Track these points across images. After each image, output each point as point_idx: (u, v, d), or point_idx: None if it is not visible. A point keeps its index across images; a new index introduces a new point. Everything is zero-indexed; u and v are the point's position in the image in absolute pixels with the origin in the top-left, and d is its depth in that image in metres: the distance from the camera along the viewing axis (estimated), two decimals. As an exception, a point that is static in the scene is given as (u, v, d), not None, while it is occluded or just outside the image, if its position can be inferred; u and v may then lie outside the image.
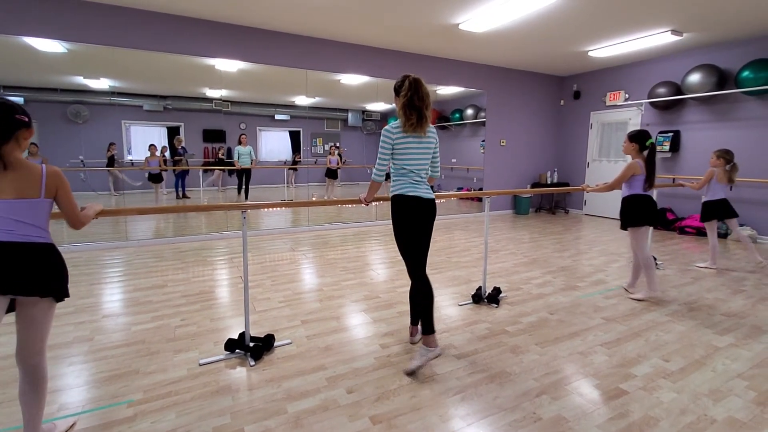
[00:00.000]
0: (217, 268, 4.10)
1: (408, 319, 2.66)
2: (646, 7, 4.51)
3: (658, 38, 5.53)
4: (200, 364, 2.24)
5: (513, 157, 8.10)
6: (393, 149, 2.25)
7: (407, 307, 2.74)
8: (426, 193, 2.29)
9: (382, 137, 2.24)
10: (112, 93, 5.51)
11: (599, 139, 7.82)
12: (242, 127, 6.98)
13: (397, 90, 2.26)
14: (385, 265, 4.27)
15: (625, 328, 2.76)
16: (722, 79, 5.72)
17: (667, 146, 6.45)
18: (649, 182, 3.17)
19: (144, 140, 6.26)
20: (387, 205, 2.36)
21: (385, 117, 8.15)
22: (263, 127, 7.38)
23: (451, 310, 3.07)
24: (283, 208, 6.87)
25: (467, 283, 3.67)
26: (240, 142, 6.64)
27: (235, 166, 6.68)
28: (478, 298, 3.20)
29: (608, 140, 7.66)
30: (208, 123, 6.70)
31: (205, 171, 6.98)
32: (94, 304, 3.13)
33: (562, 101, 8.47)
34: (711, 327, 2.78)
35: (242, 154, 6.63)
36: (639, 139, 3.21)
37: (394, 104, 2.32)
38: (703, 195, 4.26)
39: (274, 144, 7.57)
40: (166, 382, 2.07)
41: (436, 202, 2.38)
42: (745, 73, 5.33)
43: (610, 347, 2.48)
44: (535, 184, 8.34)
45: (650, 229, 3.49)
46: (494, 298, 3.19)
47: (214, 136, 6.78)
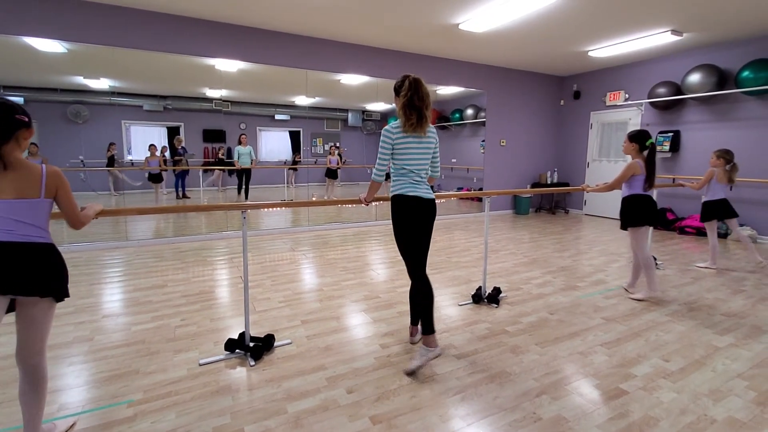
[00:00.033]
0: (217, 268, 4.10)
1: (408, 319, 2.67)
2: (646, 7, 4.51)
3: (658, 38, 5.53)
4: (200, 364, 2.25)
5: (513, 157, 8.10)
6: (393, 149, 2.25)
7: (407, 307, 2.74)
8: (426, 193, 2.29)
9: (382, 137, 2.24)
10: (112, 93, 5.51)
11: (599, 139, 7.82)
12: (242, 127, 6.98)
13: (397, 90, 2.26)
14: (385, 265, 4.27)
15: (625, 328, 2.76)
16: (722, 79, 5.72)
17: (667, 146, 6.45)
18: (649, 182, 3.17)
19: (144, 140, 6.26)
20: (387, 205, 2.36)
21: (385, 117, 8.15)
22: (263, 127, 7.38)
23: (451, 310, 3.08)
24: (283, 208, 6.87)
25: (467, 283, 3.67)
26: (240, 142, 6.64)
27: (235, 166, 6.68)
28: (478, 298, 3.20)
29: (608, 140, 7.66)
30: (208, 123, 6.70)
31: (205, 171, 6.98)
32: (94, 304, 3.13)
33: (562, 101, 8.47)
34: (711, 327, 2.78)
35: (242, 154, 6.63)
36: (639, 139, 3.21)
37: (394, 104, 2.32)
38: (702, 195, 4.26)
39: (274, 144, 7.57)
40: (166, 382, 2.07)
41: (436, 202, 2.39)
42: (745, 73, 5.33)
43: (610, 347, 2.49)
44: (535, 184, 8.34)
45: (650, 229, 3.50)
46: (494, 298, 3.19)
47: (214, 136, 6.78)
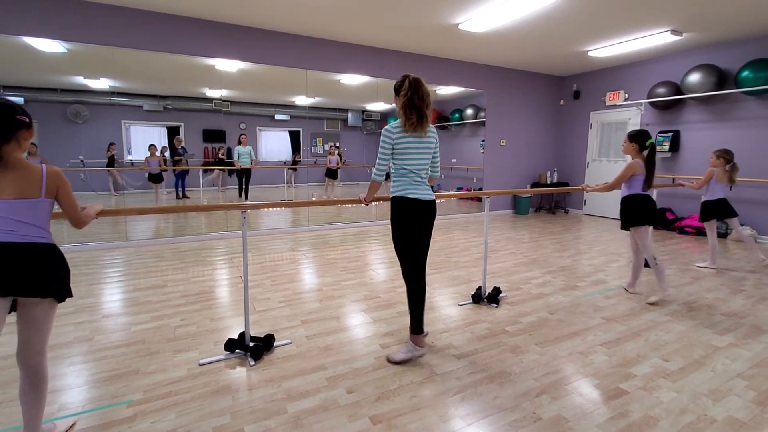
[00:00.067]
0: (217, 268, 4.10)
1: (408, 319, 2.66)
2: (646, 7, 4.52)
3: (657, 38, 5.53)
4: (200, 364, 2.25)
5: (513, 157, 8.10)
6: (393, 149, 2.25)
7: (407, 308, 2.73)
8: (426, 193, 2.29)
9: (382, 137, 2.24)
10: (112, 93, 5.50)
11: (599, 139, 7.82)
12: (242, 127, 6.98)
13: (397, 90, 2.26)
14: (385, 265, 4.27)
15: (625, 328, 2.76)
16: (722, 78, 5.72)
17: (666, 146, 6.45)
18: (648, 182, 3.18)
19: (144, 140, 6.26)
20: (387, 205, 2.36)
21: (385, 117, 8.15)
22: (263, 127, 7.38)
23: (451, 310, 3.08)
24: (283, 208, 6.87)
25: (467, 283, 3.67)
26: (240, 142, 6.64)
27: (235, 166, 6.68)
28: (478, 298, 3.20)
29: (608, 140, 7.66)
30: (208, 123, 6.69)
31: (205, 171, 6.98)
32: (94, 304, 3.13)
33: (562, 101, 8.47)
34: (711, 327, 2.79)
35: (242, 154, 6.63)
36: (639, 139, 3.21)
37: (394, 104, 2.32)
38: (702, 195, 4.26)
39: (274, 144, 7.57)
40: (166, 382, 2.07)
41: (436, 202, 2.39)
42: (745, 73, 5.33)
43: (610, 347, 2.49)
44: (534, 184, 8.34)
45: (650, 229, 3.51)
46: (494, 298, 3.19)
47: (214, 136, 6.78)
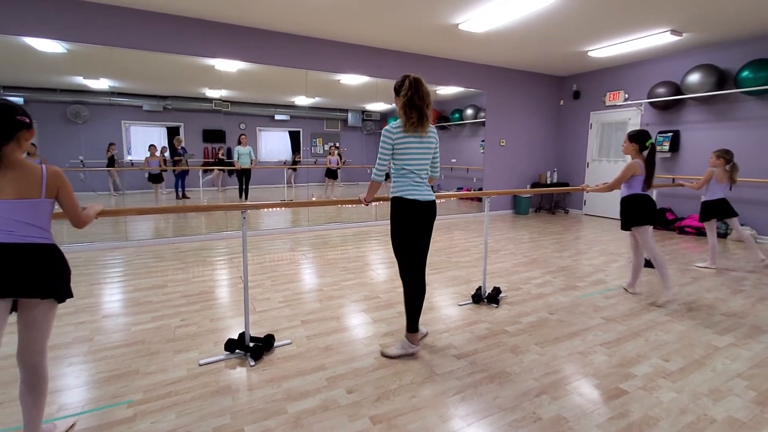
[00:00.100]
0: (217, 269, 4.10)
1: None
2: (646, 7, 4.52)
3: (657, 38, 5.53)
4: (200, 365, 2.25)
5: (513, 157, 8.10)
6: (393, 149, 2.25)
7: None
8: (426, 194, 2.29)
9: (382, 137, 2.24)
10: (112, 93, 5.50)
11: (599, 139, 7.82)
12: (242, 127, 6.98)
13: (398, 90, 2.26)
14: (385, 265, 4.27)
15: (625, 328, 2.76)
16: (722, 79, 5.72)
17: (666, 146, 6.45)
18: (648, 182, 3.17)
19: (144, 140, 6.25)
20: (387, 205, 2.36)
21: (384, 117, 8.15)
22: (263, 127, 7.38)
23: (451, 310, 3.08)
24: (283, 208, 6.87)
25: (467, 283, 3.67)
26: (239, 143, 6.64)
27: (234, 166, 6.68)
28: (478, 298, 3.20)
29: (608, 140, 7.67)
30: (207, 123, 6.69)
31: (205, 171, 6.98)
32: (94, 304, 3.13)
33: (562, 101, 8.47)
34: (711, 327, 2.79)
35: (242, 155, 6.63)
36: (639, 139, 3.21)
37: (395, 104, 2.32)
38: (702, 195, 4.26)
39: (274, 144, 7.57)
40: (166, 383, 2.07)
41: (436, 202, 2.39)
42: (745, 73, 5.33)
43: (610, 347, 2.49)
44: (534, 184, 8.34)
45: (651, 228, 3.51)
46: (494, 298, 3.19)
47: (213, 136, 6.78)
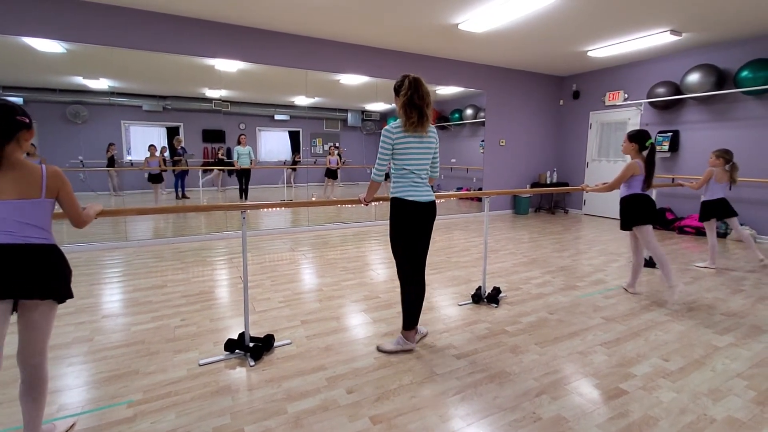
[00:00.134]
0: (217, 269, 4.10)
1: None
2: (646, 7, 4.52)
3: (657, 38, 5.53)
4: (200, 365, 2.24)
5: (512, 157, 8.11)
6: (393, 149, 2.25)
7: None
8: (426, 195, 2.29)
9: (382, 137, 2.24)
10: (112, 93, 5.50)
11: (598, 139, 7.82)
12: (242, 128, 6.98)
13: (397, 90, 2.26)
14: (385, 265, 4.27)
15: (625, 328, 2.76)
16: (721, 78, 5.72)
17: (666, 146, 6.46)
18: (648, 182, 3.17)
19: (143, 140, 6.25)
20: (387, 205, 2.36)
21: (384, 117, 8.15)
22: (263, 127, 7.38)
23: (451, 310, 3.08)
24: (283, 209, 6.86)
25: (467, 283, 3.67)
26: (239, 143, 6.64)
27: (234, 166, 6.68)
28: (478, 298, 3.20)
29: (607, 140, 7.67)
30: (207, 123, 6.69)
31: (205, 171, 6.97)
32: (93, 304, 3.13)
33: (562, 101, 8.48)
34: (710, 326, 2.79)
35: (241, 155, 6.63)
36: (639, 139, 3.21)
37: (394, 104, 2.32)
38: (701, 195, 4.27)
39: (274, 144, 7.57)
40: (166, 383, 2.07)
41: (436, 202, 2.39)
42: (744, 73, 5.33)
43: (610, 347, 2.49)
44: (534, 184, 8.34)
45: (651, 228, 3.52)
46: (494, 298, 3.19)
47: (213, 136, 6.78)
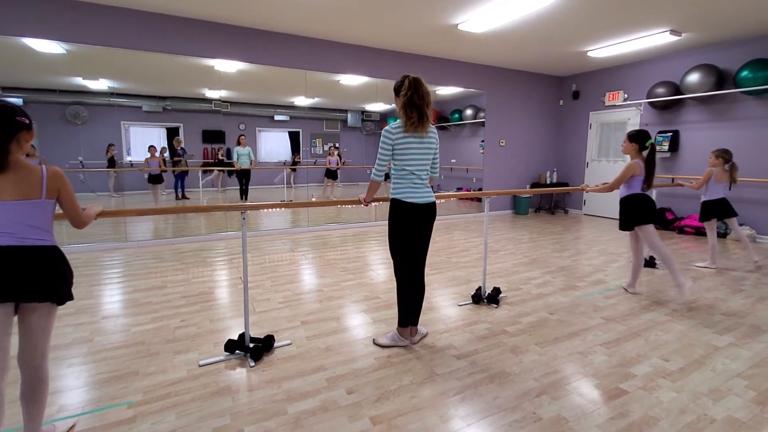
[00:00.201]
0: (217, 269, 4.10)
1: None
2: (646, 7, 4.52)
3: (656, 38, 5.53)
4: (200, 365, 2.24)
5: (512, 158, 8.11)
6: (393, 149, 2.25)
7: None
8: (425, 196, 2.29)
9: (382, 137, 2.25)
10: (111, 94, 5.50)
11: (598, 139, 7.82)
12: (242, 128, 6.98)
13: (397, 90, 2.26)
14: (385, 265, 4.27)
15: (625, 328, 2.76)
16: (721, 78, 5.72)
17: (666, 146, 6.46)
18: (648, 183, 3.17)
19: (143, 141, 6.25)
20: (387, 206, 2.36)
21: (384, 117, 8.15)
22: (263, 127, 7.38)
23: (451, 310, 3.08)
24: (283, 209, 6.87)
25: (467, 284, 3.67)
26: (239, 143, 6.64)
27: (234, 167, 6.68)
28: (478, 299, 3.20)
29: (607, 140, 7.67)
30: (207, 124, 6.69)
31: (204, 172, 6.97)
32: (93, 305, 3.13)
33: (562, 101, 8.48)
34: (710, 326, 2.79)
35: (241, 155, 6.63)
36: (639, 139, 3.21)
37: (395, 105, 2.32)
38: (701, 195, 4.27)
39: (274, 144, 7.57)
40: (166, 383, 2.07)
41: (436, 203, 2.39)
42: (744, 73, 5.33)
43: (610, 347, 2.49)
44: (534, 184, 8.34)
45: (652, 227, 3.52)
46: (494, 298, 3.19)
47: (213, 136, 6.78)
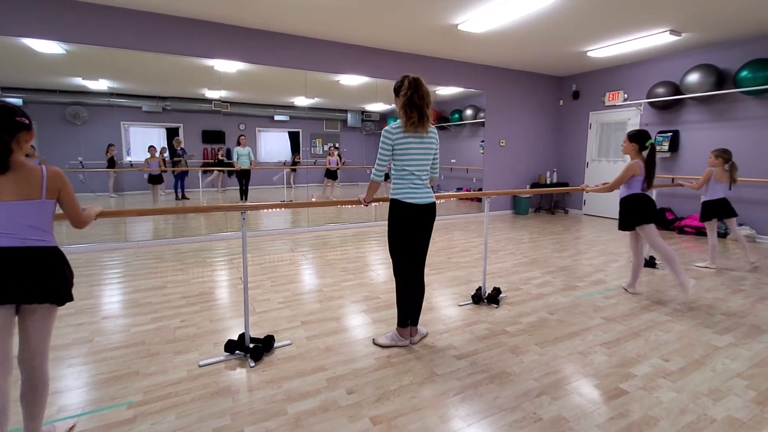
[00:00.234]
0: (217, 269, 4.10)
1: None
2: (645, 7, 4.52)
3: (656, 38, 5.53)
4: (200, 366, 2.24)
5: (512, 158, 8.11)
6: (393, 150, 2.25)
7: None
8: (425, 196, 2.29)
9: (382, 137, 2.25)
10: (111, 94, 5.50)
11: (598, 139, 7.83)
12: (241, 128, 6.98)
13: (397, 90, 2.27)
14: (385, 265, 4.27)
15: (625, 328, 2.76)
16: (721, 78, 5.72)
17: (666, 146, 6.46)
18: (648, 182, 3.17)
19: (143, 141, 6.25)
20: (387, 206, 2.36)
21: (384, 117, 8.15)
22: (262, 127, 7.38)
23: (451, 310, 3.07)
24: (283, 209, 6.86)
25: (467, 284, 3.67)
26: (239, 143, 6.64)
27: (234, 167, 6.68)
28: (478, 299, 3.20)
29: (607, 140, 7.67)
30: (207, 124, 6.69)
31: (204, 172, 6.97)
32: (93, 305, 3.13)
33: (561, 101, 8.48)
34: (710, 326, 2.79)
35: (241, 155, 6.63)
36: (639, 139, 3.21)
37: (395, 105, 2.32)
38: (702, 195, 4.27)
39: (274, 145, 7.57)
40: (166, 384, 2.07)
41: (436, 203, 2.39)
42: (744, 73, 5.33)
43: (610, 347, 2.49)
44: (534, 185, 8.34)
45: (654, 226, 3.52)
46: (494, 298, 3.19)
47: (213, 137, 6.78)
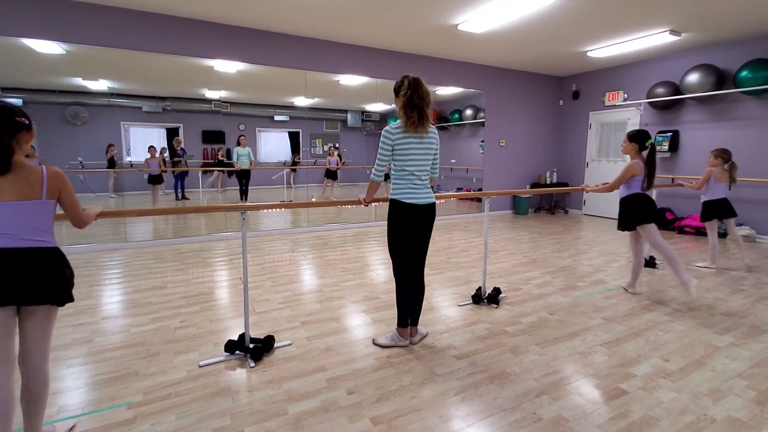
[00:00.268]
0: (217, 270, 4.10)
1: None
2: (645, 7, 4.52)
3: (656, 38, 5.53)
4: (200, 366, 2.24)
5: (512, 158, 8.11)
6: (393, 150, 2.25)
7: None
8: (425, 197, 2.29)
9: (382, 137, 2.25)
10: (111, 94, 5.50)
11: (598, 139, 7.83)
12: (241, 128, 6.98)
13: (397, 90, 2.27)
14: (385, 265, 4.27)
15: (625, 328, 2.76)
16: (721, 78, 5.73)
17: (666, 146, 6.46)
18: (649, 182, 3.17)
19: (143, 141, 6.25)
20: (386, 206, 2.36)
21: (384, 118, 8.15)
22: (262, 128, 7.38)
23: (451, 310, 3.07)
24: (283, 209, 6.86)
25: (467, 284, 3.67)
26: (239, 144, 6.64)
27: (234, 167, 6.68)
28: (478, 299, 3.20)
29: (607, 140, 7.67)
30: (207, 124, 6.69)
31: (205, 172, 6.97)
32: (93, 305, 3.12)
33: (561, 101, 8.48)
34: (710, 326, 2.79)
35: (241, 156, 6.63)
36: (639, 139, 3.21)
37: (395, 105, 2.32)
38: (702, 195, 4.27)
39: (274, 145, 7.57)
40: (166, 384, 2.07)
41: (436, 203, 2.40)
42: (744, 73, 5.33)
43: (610, 347, 2.49)
44: (534, 185, 8.34)
45: (654, 226, 3.52)
46: (494, 298, 3.19)
47: (213, 137, 6.78)
